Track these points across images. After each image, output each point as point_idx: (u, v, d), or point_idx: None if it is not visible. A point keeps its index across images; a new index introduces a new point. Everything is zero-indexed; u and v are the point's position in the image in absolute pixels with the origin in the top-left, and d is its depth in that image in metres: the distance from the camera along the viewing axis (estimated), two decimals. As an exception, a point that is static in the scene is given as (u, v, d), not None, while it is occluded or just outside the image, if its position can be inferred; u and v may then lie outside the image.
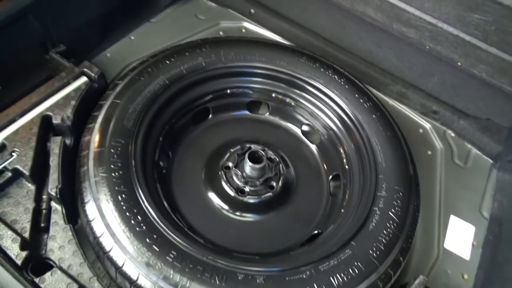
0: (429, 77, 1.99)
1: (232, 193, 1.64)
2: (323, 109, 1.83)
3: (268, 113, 1.97)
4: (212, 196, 1.67)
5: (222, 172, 1.69)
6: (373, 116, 1.75)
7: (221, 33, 2.19)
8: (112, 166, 1.40)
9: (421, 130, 2.02)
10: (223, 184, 1.66)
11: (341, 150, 1.79)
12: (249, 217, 1.65)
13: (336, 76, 1.84)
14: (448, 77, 1.94)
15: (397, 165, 1.62)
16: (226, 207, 1.65)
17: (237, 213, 1.64)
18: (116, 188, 1.36)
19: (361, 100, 1.79)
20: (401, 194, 1.54)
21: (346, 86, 1.82)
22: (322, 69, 1.86)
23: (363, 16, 1.82)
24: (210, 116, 1.90)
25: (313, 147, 1.91)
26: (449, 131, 2.01)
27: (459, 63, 1.71)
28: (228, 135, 1.87)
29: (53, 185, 1.28)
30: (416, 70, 2.00)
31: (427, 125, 2.02)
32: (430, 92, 2.03)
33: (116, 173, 1.39)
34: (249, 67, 1.84)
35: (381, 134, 1.70)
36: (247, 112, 1.96)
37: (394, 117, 1.84)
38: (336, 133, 1.81)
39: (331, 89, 1.82)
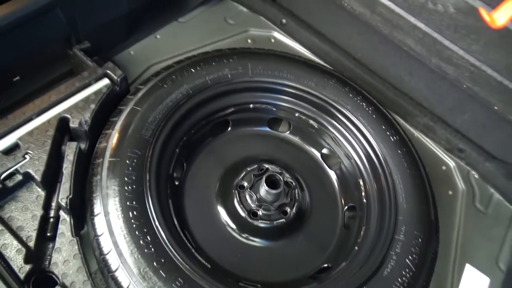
0: (460, 113, 1.91)
1: (244, 215, 1.58)
2: (347, 136, 1.76)
3: (288, 132, 1.91)
4: (223, 215, 1.61)
5: (236, 191, 1.63)
6: (399, 151, 1.68)
7: (249, 40, 2.12)
8: (126, 179, 1.35)
9: (444, 167, 1.95)
10: (236, 204, 1.61)
11: (361, 182, 1.73)
12: (258, 242, 1.59)
13: (364, 104, 1.77)
14: (480, 116, 1.85)
15: (419, 208, 1.55)
16: (236, 228, 1.59)
17: (247, 236, 1.59)
18: (128, 203, 1.31)
19: (388, 133, 1.72)
20: (420, 240, 1.47)
21: (374, 116, 1.75)
22: (351, 94, 1.79)
23: (401, 45, 1.74)
24: (229, 128, 1.84)
25: (331, 173, 1.84)
26: (473, 172, 1.94)
27: (496, 107, 1.63)
28: (246, 151, 1.81)
29: (64, 195, 1.23)
30: (446, 104, 1.93)
31: (451, 163, 1.95)
32: (458, 129, 1.95)
33: (130, 187, 1.34)
34: (275, 83, 1.77)
35: (405, 172, 1.63)
36: (267, 129, 1.89)
37: (418, 150, 1.77)
38: (358, 163, 1.74)
39: (358, 117, 1.74)
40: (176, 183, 1.66)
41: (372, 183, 1.68)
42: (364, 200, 1.70)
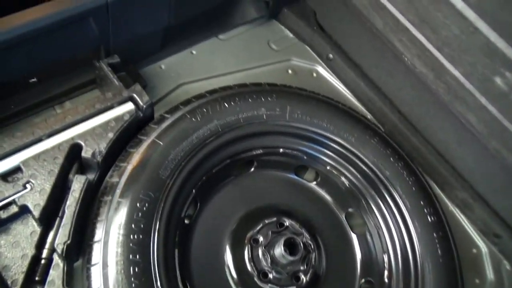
0: (505, 197, 1.73)
1: (253, 274, 1.44)
2: (379, 205, 1.59)
3: (315, 182, 1.74)
4: (231, 269, 1.46)
5: (249, 245, 1.48)
6: (434, 234, 1.51)
7: (289, 71, 1.94)
8: (133, 226, 1.20)
9: (474, 251, 1.78)
10: (246, 260, 1.46)
11: (385, 258, 1.57)
12: (263, 306, 1.46)
13: (405, 172, 1.60)
14: (526, 206, 1.68)
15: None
16: (242, 288, 1.45)
17: (253, 299, 1.45)
18: (131, 256, 1.16)
19: (426, 211, 1.55)
20: None
21: (413, 188, 1.58)
22: (392, 158, 1.62)
23: (459, 116, 1.56)
24: (253, 169, 1.68)
25: (354, 237, 1.68)
26: (506, 262, 1.77)
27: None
28: (267, 197, 1.65)
29: (61, 240, 1.09)
30: (492, 184, 1.75)
31: (483, 248, 1.77)
32: (499, 213, 1.77)
33: (136, 237, 1.19)
34: (312, 132, 1.60)
35: (437, 260, 1.47)
36: (293, 175, 1.73)
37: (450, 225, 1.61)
38: (386, 237, 1.58)
39: (396, 187, 1.57)
40: (187, 221, 1.51)
41: (398, 264, 1.52)
42: (386, 280, 1.54)
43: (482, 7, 1.06)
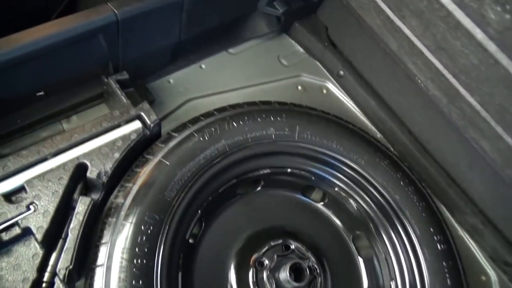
0: (517, 224, 1.70)
1: (257, 299, 1.41)
2: (388, 230, 1.56)
3: (322, 203, 1.71)
4: (234, 293, 1.44)
5: (254, 268, 1.45)
6: (443, 263, 1.48)
7: (299, 87, 1.91)
8: (137, 250, 1.17)
9: (483, 278, 1.74)
10: (251, 283, 1.43)
11: (392, 285, 1.53)
12: (266, 332, 1.43)
13: (415, 197, 1.56)
14: (539, 236, 1.64)
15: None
16: (245, 313, 1.42)
17: (255, 324, 1.42)
18: (134, 282, 1.13)
19: (435, 238, 1.52)
20: None
21: (424, 214, 1.54)
22: (402, 182, 1.58)
23: (472, 141, 1.52)
24: (259, 188, 1.65)
25: (361, 261, 1.65)
26: (515, 291, 1.73)
27: None
28: (273, 217, 1.62)
29: (63, 265, 1.06)
30: (504, 212, 1.70)
31: (493, 276, 1.73)
32: (510, 240, 1.73)
33: (139, 261, 1.17)
34: (321, 153, 1.57)
35: (446, 290, 1.44)
36: (300, 196, 1.70)
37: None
38: (393, 264, 1.54)
39: (405, 212, 1.54)
40: (191, 241, 1.48)
41: (406, 292, 1.49)
42: (393, 307, 1.51)
43: (503, 39, 1.03)
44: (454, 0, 1.10)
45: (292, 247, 1.50)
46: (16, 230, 1.09)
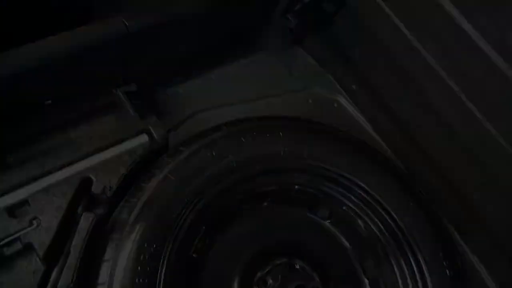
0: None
1: (260, 320, 1.39)
2: (396, 253, 1.52)
3: (329, 221, 1.68)
4: (236, 312, 1.42)
5: (257, 287, 1.43)
6: (451, 290, 1.45)
7: (310, 100, 1.88)
8: (139, 269, 1.15)
9: (491, 304, 1.70)
10: (254, 304, 1.41)
11: (397, 313, 1.50)
12: None
13: (425, 220, 1.53)
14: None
15: None
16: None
17: None
18: (134, 307, 1.12)
19: (445, 263, 1.48)
20: None
21: (433, 238, 1.51)
22: (412, 204, 1.54)
23: (488, 166, 1.48)
24: (265, 203, 1.62)
25: (367, 282, 1.61)
26: (524, 321, 1.68)
27: None
28: (279, 234, 1.59)
29: (64, 282, 1.05)
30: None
31: (502, 302, 1.70)
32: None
33: (141, 280, 1.15)
34: (331, 171, 1.54)
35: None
36: (307, 213, 1.67)
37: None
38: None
39: (414, 235, 1.50)
40: (194, 255, 1.46)
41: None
42: (398, 335, 1.48)
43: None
44: (475, 26, 1.06)
45: (297, 266, 1.48)
46: (18, 245, 1.07)
